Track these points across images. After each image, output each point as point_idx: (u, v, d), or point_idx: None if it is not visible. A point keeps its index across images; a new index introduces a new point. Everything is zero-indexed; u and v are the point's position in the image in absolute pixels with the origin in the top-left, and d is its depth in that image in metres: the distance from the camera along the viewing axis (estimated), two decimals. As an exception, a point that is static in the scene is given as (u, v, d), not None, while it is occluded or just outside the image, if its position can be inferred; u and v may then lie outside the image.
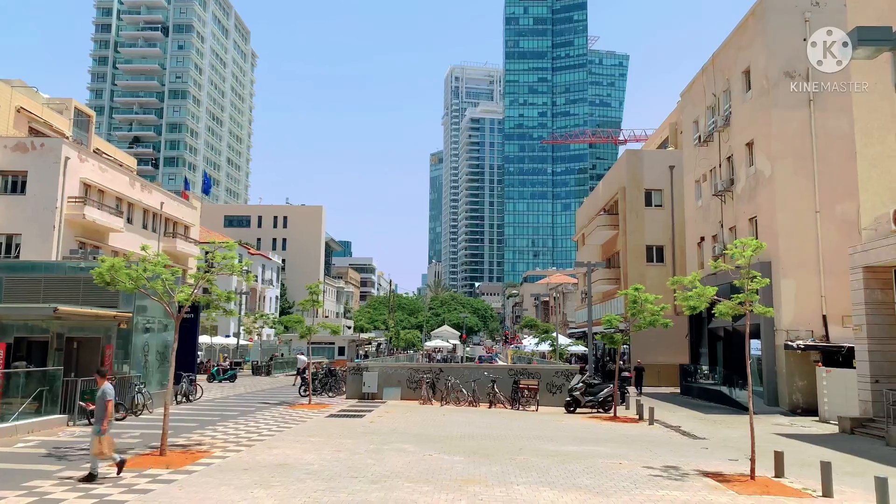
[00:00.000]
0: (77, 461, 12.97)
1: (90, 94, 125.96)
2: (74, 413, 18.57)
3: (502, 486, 11.40)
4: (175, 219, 49.09)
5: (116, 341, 21.54)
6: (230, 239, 50.09)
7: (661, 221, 42.89)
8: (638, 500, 10.55)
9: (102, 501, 9.86)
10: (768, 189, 27.13)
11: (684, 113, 38.82)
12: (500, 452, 14.97)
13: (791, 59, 26.98)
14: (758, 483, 12.02)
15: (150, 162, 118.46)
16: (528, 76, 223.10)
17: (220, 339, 52.61)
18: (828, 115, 26.44)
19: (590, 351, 33.15)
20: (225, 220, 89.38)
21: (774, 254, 26.28)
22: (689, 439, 18.51)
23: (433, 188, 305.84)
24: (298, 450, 14.77)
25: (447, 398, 26.63)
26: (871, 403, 19.62)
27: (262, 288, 71.42)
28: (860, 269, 20.13)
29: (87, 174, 38.18)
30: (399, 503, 10.01)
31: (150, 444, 15.03)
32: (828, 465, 11.32)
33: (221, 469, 12.47)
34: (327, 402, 27.18)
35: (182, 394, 25.80)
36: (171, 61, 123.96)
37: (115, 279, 14.38)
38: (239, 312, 48.33)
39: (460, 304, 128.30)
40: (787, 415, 24.73)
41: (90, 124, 50.12)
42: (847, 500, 10.95)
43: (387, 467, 12.81)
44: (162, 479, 11.52)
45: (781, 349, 25.80)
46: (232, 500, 10.10)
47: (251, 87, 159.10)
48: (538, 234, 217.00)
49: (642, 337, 37.40)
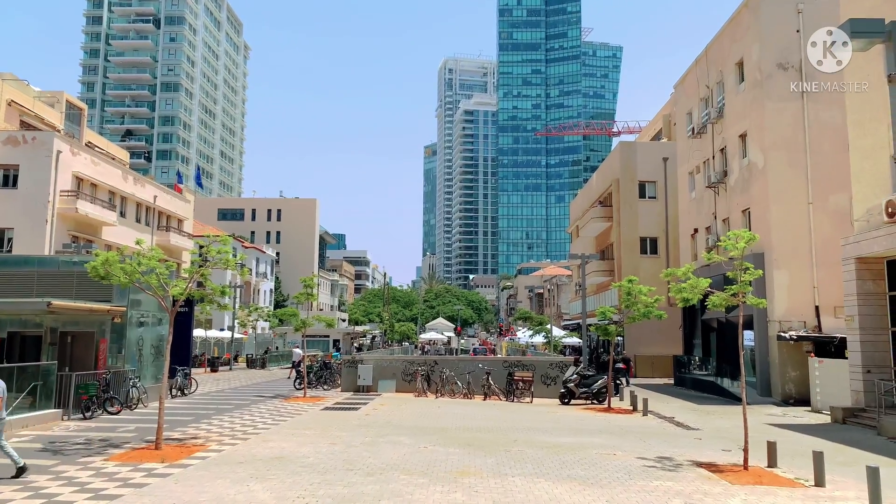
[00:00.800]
0: (72, 456, 12.97)
1: (82, 87, 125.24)
2: (69, 407, 18.53)
3: (497, 477, 11.45)
4: (168, 212, 48.93)
5: (111, 335, 21.48)
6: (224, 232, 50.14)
7: (654, 213, 42.98)
8: (632, 491, 10.62)
9: (98, 496, 9.87)
10: (761, 181, 27.21)
11: (678, 105, 38.85)
12: (495, 444, 15.03)
13: (784, 50, 27.02)
14: (751, 473, 12.11)
15: (142, 155, 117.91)
16: (522, 68, 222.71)
17: (214, 333, 52.56)
18: (821, 107, 26.52)
19: (584, 342, 33.25)
20: (219, 213, 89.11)
21: (767, 245, 26.38)
22: (683, 430, 18.61)
23: (427, 181, 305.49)
24: (294, 443, 14.79)
25: (442, 390, 26.70)
26: (863, 393, 19.76)
27: (257, 281, 71.32)
28: (852, 260, 20.24)
29: (79, 168, 37.99)
30: (394, 495, 10.05)
31: (145, 438, 15.03)
32: (820, 455, 11.41)
33: (217, 462, 12.49)
34: (322, 395, 27.21)
35: (177, 387, 25.80)
36: (163, 54, 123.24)
37: (110, 273, 14.34)
38: (233, 306, 48.28)
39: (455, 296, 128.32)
40: (780, 405, 24.89)
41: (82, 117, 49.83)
42: (839, 489, 11.04)
43: (382, 460, 12.85)
44: (157, 472, 11.53)
45: (774, 340, 25.94)
46: (228, 493, 10.12)
47: (244, 80, 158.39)
48: (532, 227, 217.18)
49: (636, 328, 37.60)
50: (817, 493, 10.74)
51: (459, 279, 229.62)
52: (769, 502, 10.11)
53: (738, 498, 10.32)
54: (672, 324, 34.56)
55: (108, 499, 9.72)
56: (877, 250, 19.16)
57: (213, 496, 9.94)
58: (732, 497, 10.38)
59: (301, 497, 9.90)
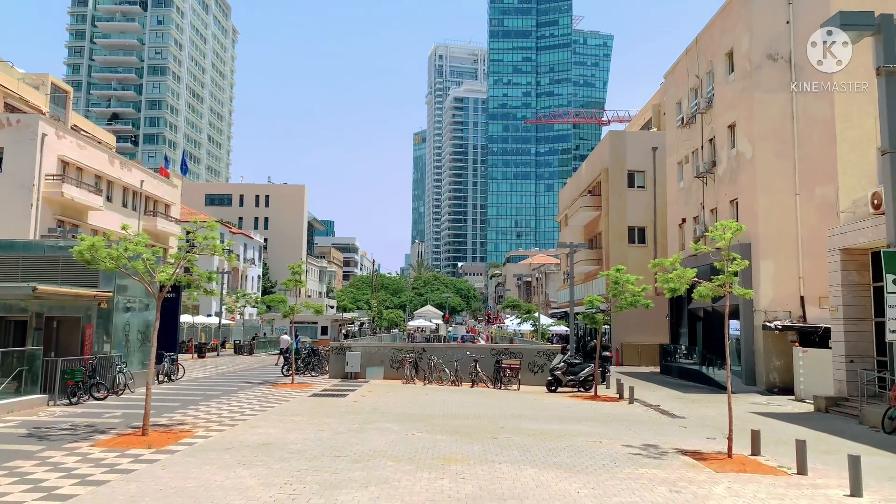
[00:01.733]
0: (58, 441, 12.91)
1: (67, 70, 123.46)
2: (55, 393, 18.43)
3: (484, 464, 11.52)
4: (155, 197, 48.57)
5: (97, 321, 21.34)
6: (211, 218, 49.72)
7: (643, 203, 43.13)
8: (618, 478, 10.72)
9: (85, 481, 9.84)
10: (749, 171, 27.34)
11: (667, 94, 38.90)
12: (483, 431, 15.11)
13: (774, 41, 27.08)
14: (735, 461, 12.25)
15: (129, 139, 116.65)
16: (513, 55, 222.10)
17: (201, 319, 52.43)
18: (809, 99, 26.60)
19: (571, 331, 33.43)
20: (206, 198, 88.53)
21: (754, 235, 26.56)
22: (668, 418, 18.78)
23: (416, 168, 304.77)
24: (281, 429, 14.80)
25: (430, 377, 26.77)
26: (846, 383, 20.01)
27: (244, 267, 71.04)
28: (837, 251, 20.42)
29: (64, 151, 37.57)
30: (381, 482, 10.09)
31: (131, 424, 14.98)
32: (803, 444, 11.55)
33: (204, 449, 12.48)
34: (310, 381, 27.21)
35: (164, 373, 25.70)
36: (150, 36, 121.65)
37: (96, 258, 14.23)
38: (221, 292, 48.14)
39: (443, 283, 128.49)
40: (764, 394, 25.16)
41: (67, 100, 49.27)
42: (821, 477, 11.19)
43: (369, 446, 12.89)
44: (144, 458, 11.51)
45: (759, 329, 26.18)
46: (215, 479, 10.12)
47: (232, 64, 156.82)
48: (521, 215, 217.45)
49: (623, 317, 37.79)
50: (799, 481, 10.88)
51: (448, 267, 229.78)
52: (752, 490, 10.24)
53: (721, 485, 10.44)
54: (659, 313, 34.79)
55: (95, 484, 9.69)
56: (862, 241, 19.34)
57: (200, 482, 9.93)
58: (716, 484, 10.50)
59: (288, 483, 9.92)
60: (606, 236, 43.92)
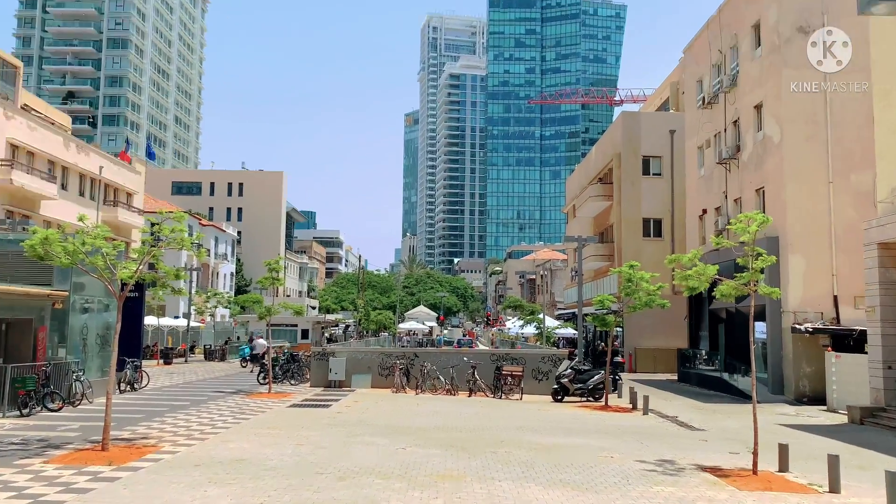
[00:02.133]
0: (8, 457, 12.88)
1: (17, 42, 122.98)
2: (4, 403, 18.37)
3: (482, 481, 11.55)
4: (116, 185, 48.46)
5: (51, 323, 21.28)
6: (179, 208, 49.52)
7: (659, 192, 43.18)
8: (630, 497, 10.76)
9: (37, 502, 9.83)
10: (777, 156, 27.39)
11: (687, 71, 38.92)
12: (481, 445, 15.14)
13: (804, 12, 27.02)
14: (760, 478, 12.30)
15: (86, 120, 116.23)
16: (515, 27, 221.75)
17: (168, 321, 52.34)
18: (843, 76, 26.60)
19: (579, 334, 33.46)
20: (173, 186, 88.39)
21: (782, 228, 26.62)
22: (687, 430, 18.86)
23: (408, 153, 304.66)
24: (257, 444, 14.81)
25: (423, 386, 26.80)
26: (883, 391, 20.09)
27: (216, 263, 70.95)
28: (875, 246, 20.46)
29: (13, 133, 37.40)
30: (368, 501, 10.11)
31: (90, 438, 14.97)
32: (835, 459, 11.61)
33: (171, 465, 12.48)
34: (289, 390, 27.23)
35: (126, 381, 25.68)
36: (110, 5, 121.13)
37: (49, 253, 14.19)
38: (189, 291, 48.07)
39: (437, 282, 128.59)
40: (793, 404, 25.26)
41: (17, 76, 48.87)
42: (855, 495, 11.26)
43: (355, 462, 12.91)
44: (104, 476, 11.50)
45: (788, 332, 26.26)
46: (182, 499, 10.12)
47: (202, 37, 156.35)
48: (524, 205, 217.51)
49: (637, 319, 37.87)
50: (832, 500, 10.95)
51: (443, 263, 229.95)
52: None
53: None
54: (676, 314, 34.88)
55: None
56: (901, 235, 19.39)
57: (166, 502, 9.93)
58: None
59: (264, 503, 9.92)
60: (619, 229, 43.99)
